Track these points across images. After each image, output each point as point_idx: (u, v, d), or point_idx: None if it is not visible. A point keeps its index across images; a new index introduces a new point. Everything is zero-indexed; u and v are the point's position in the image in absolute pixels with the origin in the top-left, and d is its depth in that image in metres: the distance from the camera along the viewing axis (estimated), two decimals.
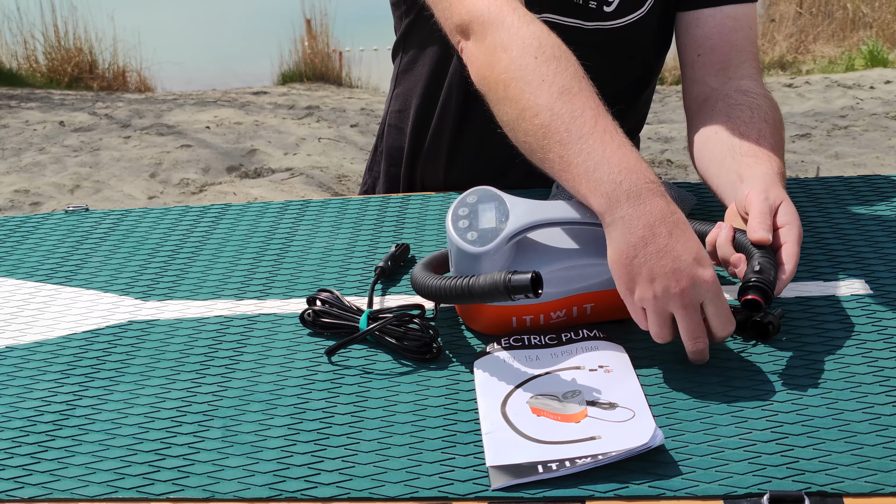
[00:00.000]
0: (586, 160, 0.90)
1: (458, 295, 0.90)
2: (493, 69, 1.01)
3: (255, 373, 0.93)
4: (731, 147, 1.07)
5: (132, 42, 6.69)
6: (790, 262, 0.92)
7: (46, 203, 3.98)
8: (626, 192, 0.87)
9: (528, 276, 0.86)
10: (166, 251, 1.21)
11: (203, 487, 0.77)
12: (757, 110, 1.11)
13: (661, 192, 0.88)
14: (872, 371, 0.88)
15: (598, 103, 0.95)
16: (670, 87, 5.97)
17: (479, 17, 1.04)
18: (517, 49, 0.99)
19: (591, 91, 0.96)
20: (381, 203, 1.32)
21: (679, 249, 0.85)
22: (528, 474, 0.75)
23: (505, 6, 1.03)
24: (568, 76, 0.96)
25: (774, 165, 1.03)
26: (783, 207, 0.96)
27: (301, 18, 7.11)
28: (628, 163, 0.89)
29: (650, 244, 0.85)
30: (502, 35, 1.01)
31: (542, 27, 1.01)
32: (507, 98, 0.98)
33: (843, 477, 0.74)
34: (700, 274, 0.84)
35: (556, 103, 0.94)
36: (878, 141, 4.48)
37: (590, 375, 0.88)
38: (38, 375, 0.96)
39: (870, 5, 7.04)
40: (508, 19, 1.01)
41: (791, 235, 0.94)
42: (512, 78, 0.98)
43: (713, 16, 1.21)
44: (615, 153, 0.90)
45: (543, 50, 0.98)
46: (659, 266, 0.84)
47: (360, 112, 5.66)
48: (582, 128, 0.92)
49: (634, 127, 1.44)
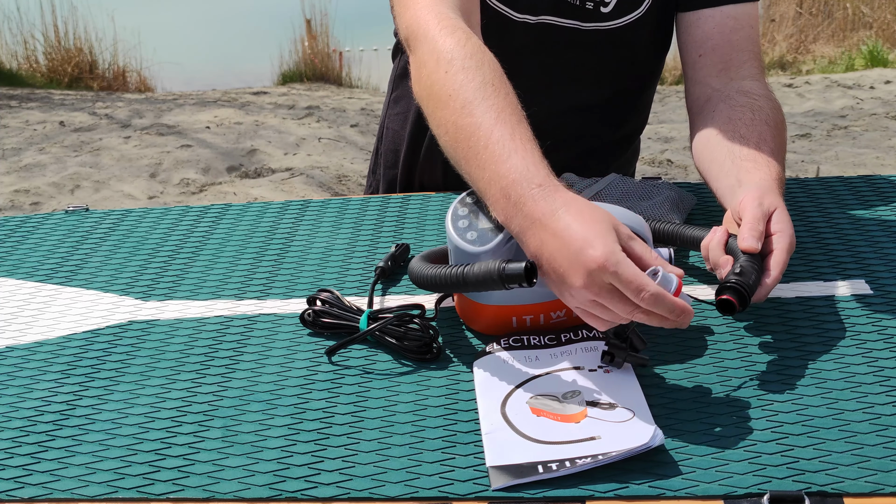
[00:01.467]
0: (482, 175, 0.91)
1: (453, 284, 0.90)
2: (418, 84, 1.03)
3: (256, 373, 0.93)
4: (731, 151, 1.07)
5: (132, 42, 6.69)
6: (776, 269, 0.91)
7: (46, 203, 3.98)
8: (515, 204, 0.87)
9: (521, 265, 0.86)
10: (166, 251, 1.21)
11: (203, 487, 0.77)
12: (758, 112, 1.11)
13: (546, 194, 0.86)
14: (872, 371, 0.88)
15: (500, 111, 0.94)
16: (670, 87, 5.97)
17: (413, 31, 1.05)
18: (433, 64, 1.00)
19: (494, 98, 0.95)
20: (381, 203, 1.32)
21: (567, 242, 0.83)
22: (528, 474, 0.75)
23: (431, 19, 1.04)
24: (473, 87, 0.96)
25: (773, 171, 1.03)
26: (777, 215, 0.95)
27: (301, 18, 7.11)
28: (517, 173, 0.88)
29: (545, 249, 0.85)
30: (424, 50, 1.03)
31: (459, 37, 1.01)
32: (428, 114, 1.01)
33: (843, 477, 0.74)
34: (588, 261, 0.81)
35: (459, 118, 0.95)
36: (878, 141, 4.48)
37: (589, 376, 0.88)
38: (38, 375, 0.96)
39: (870, 5, 7.04)
40: (431, 32, 1.03)
41: (781, 243, 0.93)
42: (429, 94, 1.00)
43: (713, 16, 1.21)
44: (504, 164, 0.89)
45: (454, 63, 0.98)
46: (558, 269, 0.84)
47: (360, 112, 5.66)
48: (478, 142, 0.92)
49: (636, 128, 1.45)
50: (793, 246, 0.94)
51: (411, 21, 1.06)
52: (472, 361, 0.93)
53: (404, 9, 1.08)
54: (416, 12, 1.06)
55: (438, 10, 1.05)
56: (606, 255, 0.80)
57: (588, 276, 0.81)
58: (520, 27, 1.24)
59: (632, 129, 1.43)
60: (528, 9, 1.23)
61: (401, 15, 1.09)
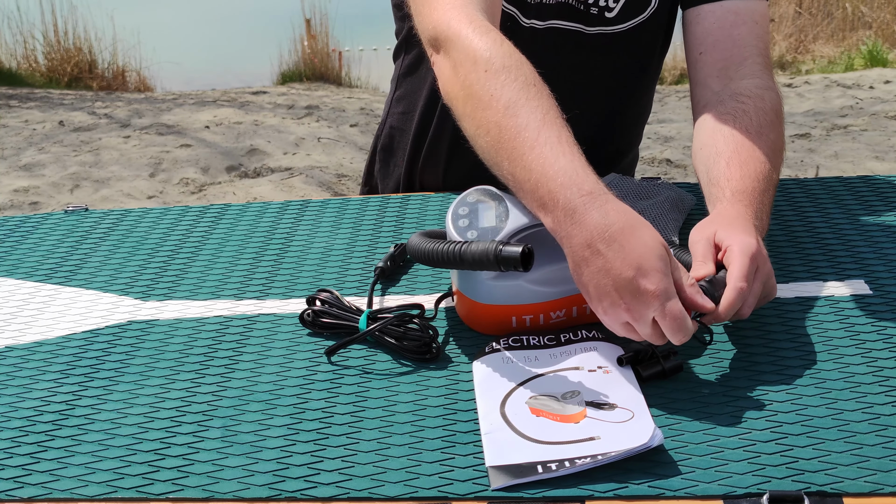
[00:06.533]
0: (529, 177, 0.91)
1: (450, 260, 0.91)
2: (453, 85, 1.02)
3: (255, 373, 0.93)
4: (707, 170, 1.06)
5: (132, 42, 6.69)
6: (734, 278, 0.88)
7: (46, 203, 3.98)
8: (564, 210, 0.87)
9: (518, 248, 0.86)
10: (166, 251, 1.21)
11: (203, 487, 0.77)
12: (742, 117, 1.09)
13: (598, 204, 0.87)
14: (872, 371, 0.88)
15: (545, 112, 0.94)
16: (670, 87, 5.97)
17: (443, 31, 1.05)
18: (469, 64, 1.00)
19: (538, 99, 0.95)
20: (380, 203, 1.32)
21: (618, 266, 0.84)
22: (527, 474, 0.75)
23: (462, 19, 1.03)
24: (516, 87, 0.96)
25: (736, 194, 1.00)
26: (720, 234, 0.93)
27: (301, 18, 7.11)
28: (565, 177, 0.88)
29: (591, 263, 0.85)
30: (459, 50, 1.02)
31: (494, 38, 1.01)
32: (465, 114, 1.00)
33: (842, 477, 0.74)
34: (642, 288, 0.83)
35: (504, 119, 0.94)
36: (877, 141, 4.48)
37: (589, 376, 0.88)
38: (37, 375, 0.96)
39: (869, 5, 7.04)
40: (464, 32, 1.02)
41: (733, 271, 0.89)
42: (467, 95, 0.99)
43: (714, 11, 1.20)
44: (553, 166, 0.89)
45: (493, 62, 0.98)
46: (602, 285, 0.85)
47: (359, 112, 5.66)
48: (524, 143, 0.92)
49: (637, 131, 1.44)
50: (746, 253, 0.90)
51: (439, 21, 1.05)
52: (472, 361, 0.93)
53: (430, 9, 1.07)
54: (445, 13, 1.04)
55: (468, 11, 1.04)
56: (659, 291, 0.82)
57: (635, 300, 0.83)
58: (527, 31, 1.24)
59: (633, 132, 1.43)
60: (536, 13, 1.23)
61: (426, 15, 1.08)
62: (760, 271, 0.91)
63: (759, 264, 0.91)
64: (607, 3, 1.23)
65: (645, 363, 0.88)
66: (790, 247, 1.12)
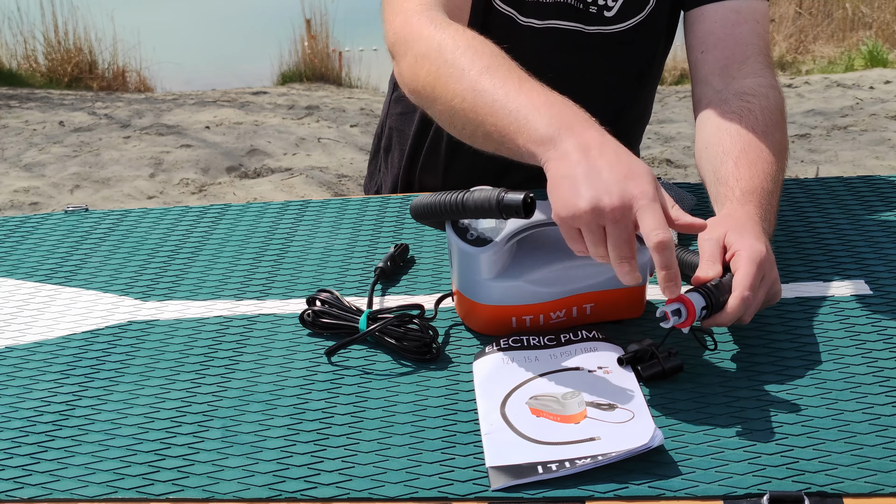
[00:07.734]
0: (518, 116, 0.91)
1: (451, 209, 0.92)
2: (418, 78, 1.03)
3: (255, 373, 0.93)
4: (715, 169, 1.06)
5: (132, 42, 6.69)
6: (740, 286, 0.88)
7: (46, 203, 3.98)
8: (559, 129, 0.88)
9: (520, 196, 0.87)
10: (166, 251, 1.21)
11: (203, 488, 0.77)
12: (748, 116, 1.09)
13: (596, 128, 0.89)
14: (872, 371, 0.88)
15: (522, 73, 0.96)
16: (670, 87, 5.96)
17: (401, 37, 1.06)
18: (435, 53, 1.01)
19: (512, 64, 0.97)
20: (380, 203, 1.32)
21: (609, 167, 0.84)
22: (527, 475, 0.75)
23: (422, 20, 1.05)
24: (486, 58, 0.97)
25: (745, 193, 1.00)
26: (729, 237, 0.93)
27: (301, 18, 7.11)
28: (560, 108, 0.90)
29: (582, 164, 0.85)
30: (420, 46, 1.03)
31: (455, 28, 1.03)
32: (436, 97, 1.00)
33: (842, 477, 0.74)
34: (630, 188, 0.83)
35: (479, 82, 0.95)
36: (878, 141, 4.48)
37: (589, 376, 0.88)
38: (37, 375, 0.96)
39: (869, 5, 7.04)
40: (425, 31, 1.04)
41: (740, 278, 0.89)
42: (436, 77, 1.00)
43: (716, 10, 1.20)
44: (544, 103, 0.91)
45: (458, 45, 1.00)
46: (589, 184, 0.84)
47: (359, 112, 5.66)
48: (508, 93, 0.93)
49: (638, 131, 1.44)
50: (754, 261, 0.89)
51: (400, 26, 1.07)
52: (472, 362, 0.93)
53: (393, 15, 1.09)
54: (407, 17, 1.06)
55: (429, 14, 1.06)
56: (645, 192, 0.83)
57: (622, 199, 0.82)
58: (526, 31, 1.24)
59: (633, 133, 1.43)
60: (534, 13, 1.23)
61: (389, 23, 1.09)
62: (766, 278, 0.91)
63: (766, 271, 0.90)
64: (606, 1, 1.23)
65: (645, 363, 0.88)
66: (790, 247, 1.12)
